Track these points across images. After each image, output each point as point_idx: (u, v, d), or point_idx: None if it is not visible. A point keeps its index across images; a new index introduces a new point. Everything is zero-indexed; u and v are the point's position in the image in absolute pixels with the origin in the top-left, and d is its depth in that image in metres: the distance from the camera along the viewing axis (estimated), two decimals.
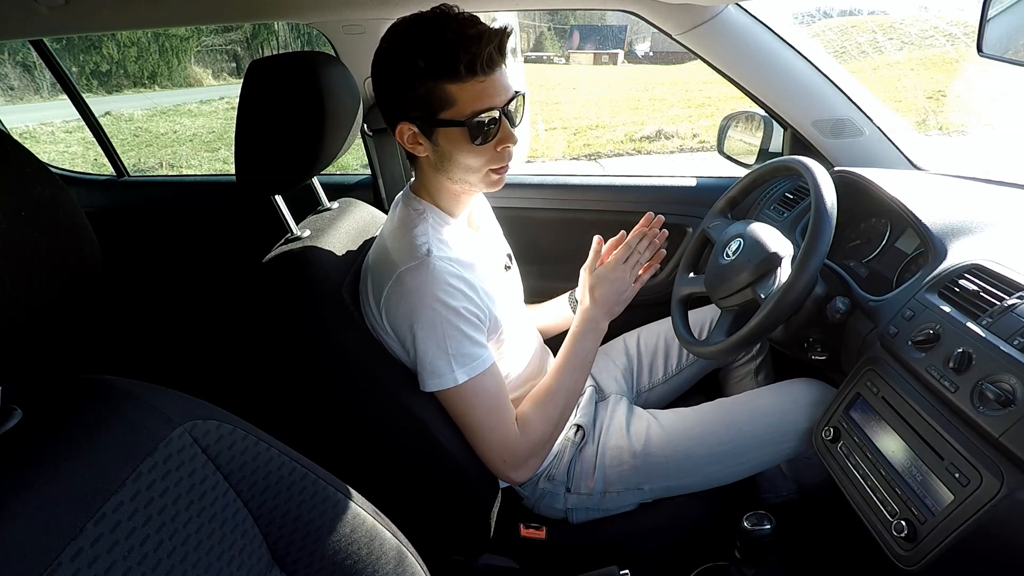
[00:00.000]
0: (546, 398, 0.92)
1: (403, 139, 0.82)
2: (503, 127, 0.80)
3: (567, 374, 0.94)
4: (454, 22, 0.74)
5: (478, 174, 0.84)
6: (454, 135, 0.79)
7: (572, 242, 1.47)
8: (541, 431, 0.90)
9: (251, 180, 0.85)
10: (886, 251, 1.01)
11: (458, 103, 0.77)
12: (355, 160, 5.43)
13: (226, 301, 1.48)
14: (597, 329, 0.97)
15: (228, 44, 12.96)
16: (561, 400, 0.93)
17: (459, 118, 0.77)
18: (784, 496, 1.10)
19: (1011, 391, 0.61)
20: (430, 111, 0.78)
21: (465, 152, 0.81)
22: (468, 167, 0.83)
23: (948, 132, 6.91)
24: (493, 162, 0.83)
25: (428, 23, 0.75)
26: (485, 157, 0.82)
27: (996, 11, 0.83)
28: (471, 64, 0.74)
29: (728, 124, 1.40)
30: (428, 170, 0.87)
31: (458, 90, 0.76)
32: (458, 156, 0.81)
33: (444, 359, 0.81)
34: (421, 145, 0.82)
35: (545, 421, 0.91)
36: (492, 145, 0.81)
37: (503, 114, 0.79)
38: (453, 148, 0.81)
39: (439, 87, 0.76)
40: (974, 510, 0.61)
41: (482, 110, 0.77)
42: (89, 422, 0.42)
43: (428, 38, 0.74)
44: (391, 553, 0.58)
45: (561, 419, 0.93)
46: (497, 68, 0.77)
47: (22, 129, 8.30)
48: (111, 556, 0.39)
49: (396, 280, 0.80)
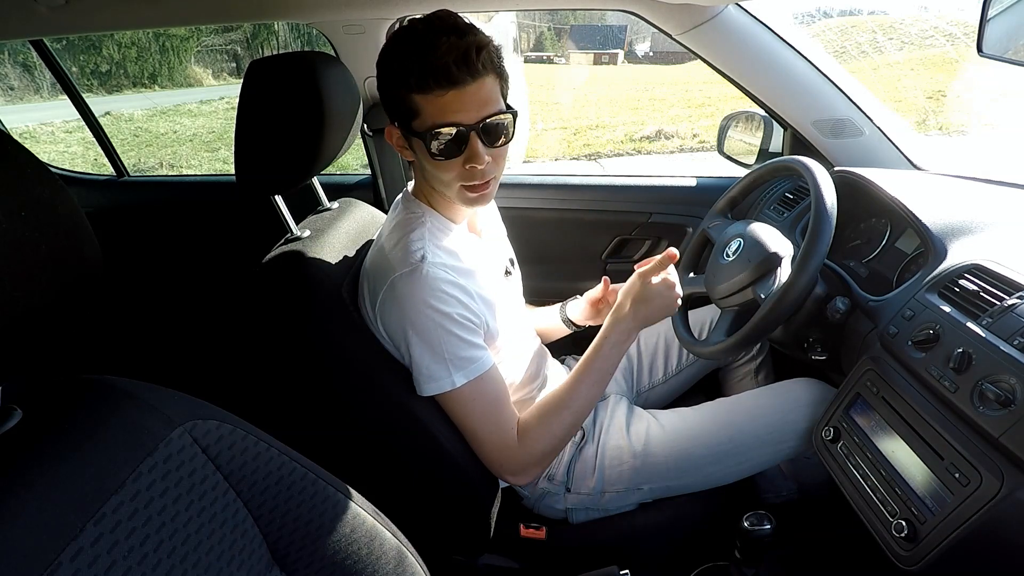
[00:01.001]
0: (552, 411, 0.88)
1: (392, 141, 0.83)
2: (471, 146, 0.76)
3: (583, 388, 0.88)
4: (430, 30, 0.72)
5: (451, 188, 0.82)
6: (419, 146, 0.78)
7: (571, 242, 1.48)
8: (541, 444, 0.87)
9: (251, 180, 0.85)
10: (886, 251, 1.01)
11: (422, 114, 0.75)
12: (355, 160, 5.43)
13: (226, 301, 1.48)
14: (628, 341, 0.90)
15: (228, 44, 12.96)
16: (568, 416, 0.88)
17: (420, 130, 0.76)
18: (784, 496, 1.10)
19: (1011, 391, 0.61)
20: (403, 118, 0.78)
21: (431, 164, 0.79)
22: (439, 179, 0.81)
23: (948, 132, 6.91)
24: (462, 179, 0.79)
25: (413, 29, 0.74)
26: (453, 173, 0.79)
27: (996, 11, 0.83)
28: (423, 76, 0.72)
29: (728, 124, 1.40)
30: (419, 175, 0.87)
31: (423, 101, 0.74)
32: (428, 168, 0.81)
33: (441, 364, 0.80)
34: (407, 150, 0.82)
35: (547, 435, 0.87)
36: (459, 161, 0.77)
37: (476, 132, 0.75)
38: (423, 159, 0.80)
39: (408, 96, 0.74)
40: (974, 510, 0.61)
41: (442, 124, 0.74)
42: (89, 422, 0.42)
43: (408, 46, 0.73)
44: (391, 553, 0.58)
45: (566, 434, 0.89)
46: (460, 83, 0.72)
47: (22, 129, 8.30)
48: (111, 556, 0.39)
49: (390, 286, 0.80)
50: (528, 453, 0.87)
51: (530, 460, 0.87)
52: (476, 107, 0.75)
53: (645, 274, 0.87)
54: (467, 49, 0.71)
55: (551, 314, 1.17)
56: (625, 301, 0.88)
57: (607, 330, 0.89)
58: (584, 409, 0.90)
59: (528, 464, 0.88)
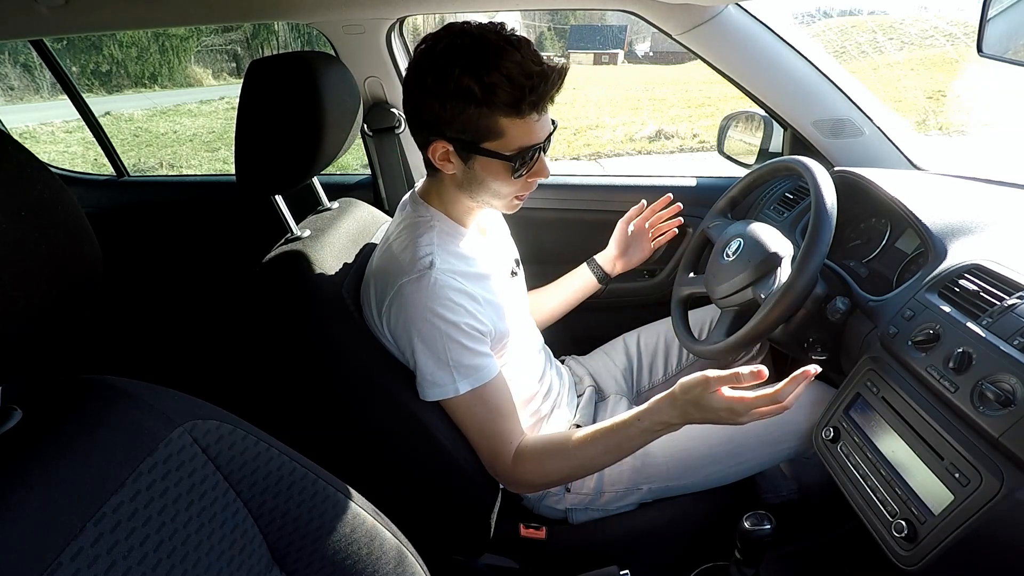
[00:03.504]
0: (554, 453, 0.84)
1: (434, 156, 0.79)
2: (540, 161, 0.81)
3: (592, 450, 0.82)
4: (518, 54, 0.71)
5: (504, 200, 0.85)
6: (493, 165, 0.78)
7: (572, 242, 1.48)
8: (531, 478, 0.85)
9: (251, 180, 0.85)
10: (886, 251, 1.01)
11: (506, 136, 0.75)
12: (355, 160, 5.43)
13: (226, 301, 1.48)
14: (661, 432, 0.80)
15: (228, 44, 12.98)
16: (567, 467, 0.84)
17: (504, 151, 0.76)
18: (784, 496, 1.10)
19: (1011, 391, 0.61)
20: (474, 138, 0.76)
21: (500, 181, 0.80)
22: (496, 193, 0.83)
23: (948, 132, 6.91)
24: (521, 190, 0.84)
25: (489, 48, 0.71)
26: (517, 187, 0.82)
27: (996, 11, 0.83)
28: (535, 104, 0.73)
29: (728, 124, 1.40)
30: (450, 185, 0.85)
31: (510, 124, 0.75)
32: (491, 183, 0.81)
33: (445, 371, 0.80)
34: (451, 164, 0.80)
35: (540, 471, 0.84)
36: (525, 177, 0.81)
37: (542, 149, 0.80)
38: (487, 175, 0.80)
39: (492, 118, 0.74)
40: (974, 510, 0.61)
41: (529, 147, 0.77)
42: (89, 422, 0.42)
43: (488, 66, 0.71)
44: (391, 553, 0.58)
45: (560, 479, 0.88)
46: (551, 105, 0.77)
47: (22, 129, 8.30)
48: (111, 556, 0.39)
49: (397, 291, 0.80)
50: (518, 476, 0.85)
51: (519, 482, 0.87)
52: (548, 126, 0.80)
53: (711, 381, 0.72)
54: (563, 76, 0.74)
55: (580, 275, 1.20)
56: (679, 395, 0.75)
57: (644, 411, 0.79)
58: (586, 468, 0.85)
59: (517, 484, 0.88)
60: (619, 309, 1.46)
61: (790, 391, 0.71)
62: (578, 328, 1.35)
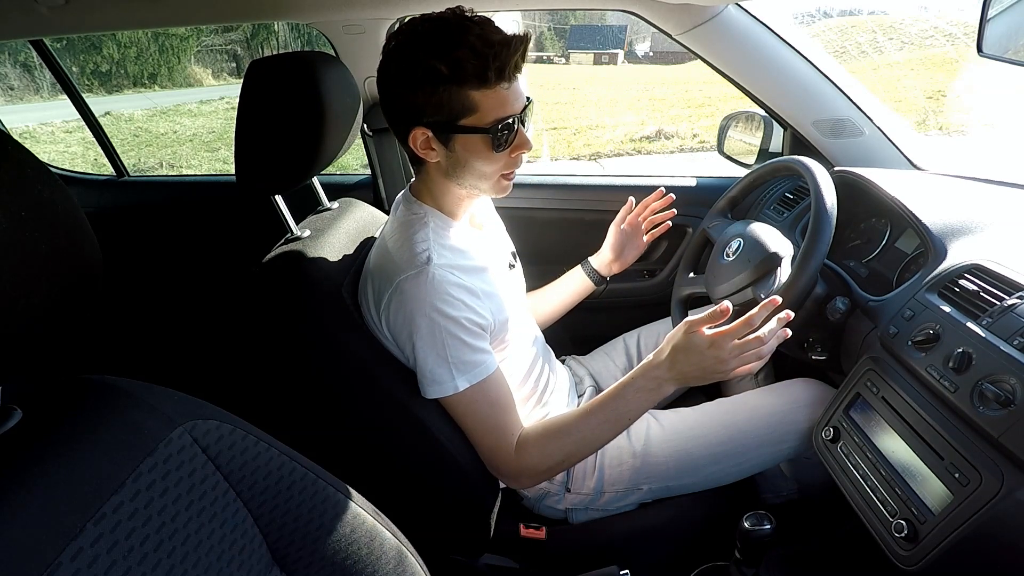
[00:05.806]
0: (555, 434, 0.85)
1: (415, 145, 0.80)
2: (519, 133, 0.80)
3: (591, 421, 0.83)
4: (477, 27, 0.72)
5: (490, 180, 0.84)
6: (473, 142, 0.78)
7: (572, 242, 1.47)
8: (536, 462, 0.85)
9: (251, 180, 0.85)
10: (886, 251, 1.01)
11: (480, 110, 0.76)
12: (355, 160, 5.43)
13: (226, 301, 1.48)
14: (657, 392, 0.81)
15: (228, 44, 12.98)
16: (570, 444, 0.84)
17: (481, 125, 0.76)
18: (784, 496, 1.10)
19: (1011, 391, 0.61)
20: (449, 117, 0.77)
21: (482, 159, 0.80)
22: (482, 173, 0.82)
23: (948, 132, 6.91)
24: (506, 167, 0.83)
25: (450, 27, 0.73)
26: (500, 163, 0.82)
27: (996, 11, 0.83)
28: (500, 71, 0.73)
29: (728, 124, 1.40)
30: (436, 175, 0.85)
31: (481, 97, 0.75)
32: (474, 162, 0.81)
33: (444, 367, 0.80)
34: (434, 151, 0.81)
35: (543, 455, 0.84)
36: (508, 151, 0.81)
37: (519, 120, 0.79)
38: (470, 155, 0.80)
39: (462, 93, 0.74)
40: (974, 510, 0.61)
41: (504, 117, 0.77)
42: (89, 422, 0.42)
43: (452, 43, 0.72)
44: (391, 553, 0.58)
45: (564, 460, 0.85)
46: (519, 75, 0.77)
47: (22, 129, 8.31)
48: (111, 556, 0.39)
49: (396, 288, 0.80)
50: (523, 465, 0.86)
51: (523, 472, 0.86)
52: (522, 96, 0.79)
53: (692, 323, 0.77)
54: (526, 42, 0.74)
55: (572, 277, 1.21)
56: (665, 347, 0.80)
57: (637, 372, 0.82)
58: (589, 443, 0.85)
59: (521, 475, 0.87)
60: (619, 309, 1.47)
61: (762, 315, 0.75)
62: (578, 328, 1.35)
